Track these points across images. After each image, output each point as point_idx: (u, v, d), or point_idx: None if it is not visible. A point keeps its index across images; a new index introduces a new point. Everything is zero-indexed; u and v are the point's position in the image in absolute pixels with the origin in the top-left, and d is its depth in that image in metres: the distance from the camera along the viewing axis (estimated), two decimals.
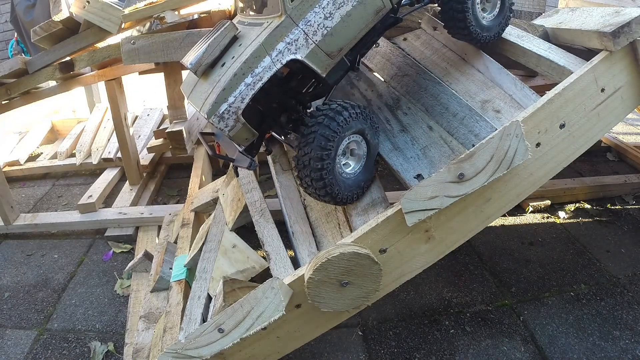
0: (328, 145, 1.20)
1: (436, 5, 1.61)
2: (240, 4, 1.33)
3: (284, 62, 1.14)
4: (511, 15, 1.55)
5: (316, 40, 1.17)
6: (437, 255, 1.28)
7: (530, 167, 1.26)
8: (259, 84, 1.13)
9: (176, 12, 2.04)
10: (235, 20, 1.33)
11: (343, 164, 1.32)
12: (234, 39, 1.21)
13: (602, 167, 3.03)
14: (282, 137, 1.46)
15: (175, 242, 2.04)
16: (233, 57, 1.16)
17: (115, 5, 1.88)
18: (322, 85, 1.33)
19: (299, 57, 1.16)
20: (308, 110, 1.33)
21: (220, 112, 1.12)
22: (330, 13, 1.17)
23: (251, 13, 1.27)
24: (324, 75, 1.24)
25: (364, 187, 1.39)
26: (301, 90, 1.35)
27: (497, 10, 1.51)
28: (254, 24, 1.22)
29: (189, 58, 1.21)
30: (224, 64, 1.17)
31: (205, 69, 1.19)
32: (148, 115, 3.77)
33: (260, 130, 1.27)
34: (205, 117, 1.14)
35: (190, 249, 1.86)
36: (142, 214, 2.53)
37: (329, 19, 1.17)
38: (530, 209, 2.51)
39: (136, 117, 3.76)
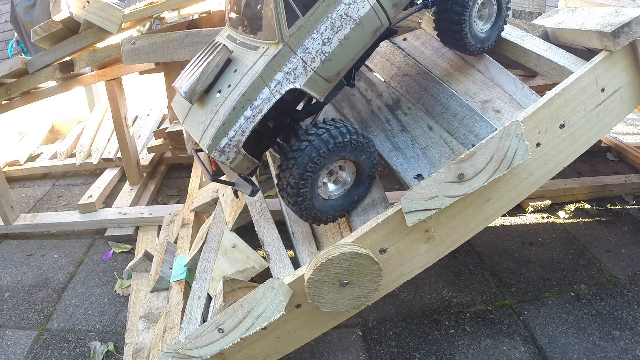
0: (306, 175, 1.16)
1: (431, 13, 1.60)
2: (231, 18, 1.28)
3: (282, 92, 1.11)
4: (504, 27, 1.54)
5: (314, 67, 1.13)
6: (437, 255, 1.28)
7: (530, 167, 1.26)
8: (259, 116, 1.10)
9: (176, 12, 2.04)
10: (225, 34, 1.30)
11: (329, 188, 1.29)
12: (228, 61, 1.17)
13: (602, 167, 3.03)
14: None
15: (175, 242, 2.04)
16: (229, 85, 1.12)
17: (115, 5, 1.88)
18: (316, 101, 1.29)
19: (297, 86, 1.12)
20: (300, 125, 1.30)
21: (221, 147, 1.09)
22: (329, 38, 1.13)
23: (244, 32, 1.22)
24: (322, 100, 1.21)
25: (347, 209, 1.35)
26: (295, 107, 1.33)
27: (492, 20, 1.49)
28: (248, 45, 1.18)
29: (182, 84, 1.17)
30: (220, 91, 1.13)
31: (200, 96, 1.16)
32: (148, 115, 3.77)
33: (258, 152, 1.24)
34: (206, 152, 1.11)
35: (190, 249, 1.86)
36: (142, 214, 2.53)
37: (327, 44, 1.13)
38: (530, 209, 2.51)
39: (136, 117, 3.76)
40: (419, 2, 1.37)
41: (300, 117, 1.30)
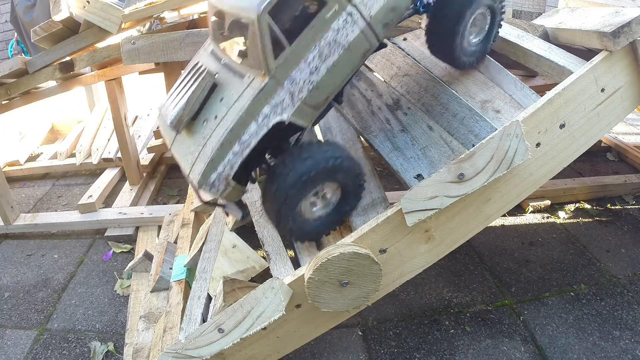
0: (285, 202, 1.14)
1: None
2: (215, 35, 1.21)
3: (270, 125, 1.07)
4: (494, 42, 1.50)
5: (302, 98, 1.09)
6: (437, 255, 1.28)
7: (530, 167, 1.26)
8: (247, 150, 1.07)
9: (176, 12, 2.04)
10: (208, 48, 1.25)
11: (313, 209, 1.26)
12: (214, 86, 1.13)
13: (602, 167, 3.03)
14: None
15: (175, 242, 2.04)
16: (216, 116, 1.08)
17: (115, 5, 1.88)
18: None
19: (284, 118, 1.09)
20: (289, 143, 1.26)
21: (211, 182, 1.08)
22: (317, 67, 1.08)
23: (228, 53, 1.17)
24: (310, 126, 1.18)
25: (327, 230, 1.33)
26: (284, 132, 1.27)
27: (484, 34, 1.45)
28: (233, 70, 1.13)
29: (168, 112, 1.13)
30: (206, 120, 1.10)
31: (187, 124, 1.13)
32: (148, 115, 3.77)
33: (246, 173, 1.21)
34: (196, 186, 1.09)
35: (190, 249, 1.86)
36: (142, 214, 2.53)
37: (314, 73, 1.09)
38: (530, 209, 2.51)
39: (136, 117, 3.76)
40: (409, 10, 1.32)
41: (286, 136, 1.25)
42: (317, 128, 1.98)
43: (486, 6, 1.37)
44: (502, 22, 1.46)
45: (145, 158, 3.15)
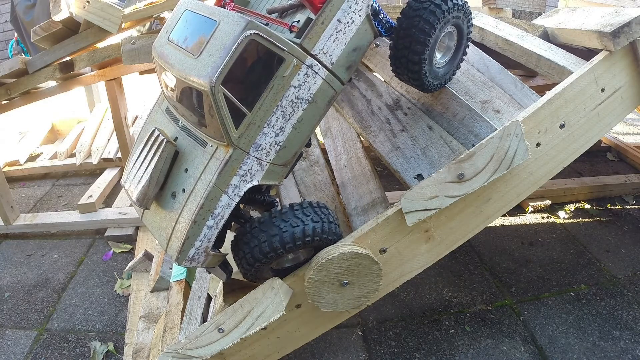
0: (256, 266, 1.11)
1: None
2: (168, 93, 1.10)
3: (242, 194, 1.04)
4: (460, 66, 1.41)
5: (270, 160, 1.05)
6: (437, 255, 1.28)
7: (531, 167, 1.26)
8: (222, 222, 1.04)
9: None
10: (163, 105, 1.18)
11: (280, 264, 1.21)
12: (176, 154, 1.07)
13: (602, 167, 3.03)
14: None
15: None
16: (183, 189, 1.04)
17: (115, 5, 1.88)
18: None
19: (255, 183, 1.05)
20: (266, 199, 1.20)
21: (190, 257, 1.05)
22: (281, 128, 1.03)
23: (186, 118, 1.09)
24: (281, 183, 1.14)
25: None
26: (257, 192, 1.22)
27: (451, 53, 1.33)
28: (194, 136, 1.06)
29: (131, 188, 1.08)
30: (174, 194, 1.06)
31: (154, 199, 1.09)
32: None
33: (223, 235, 1.16)
34: (175, 263, 1.07)
35: None
36: None
37: (280, 134, 1.04)
38: (530, 209, 2.51)
39: (136, 117, 3.76)
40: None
41: (262, 189, 1.18)
42: (317, 128, 1.98)
43: (453, 25, 1.26)
44: (469, 42, 1.35)
45: None
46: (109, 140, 3.36)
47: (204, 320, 1.38)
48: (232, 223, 1.18)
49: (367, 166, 1.60)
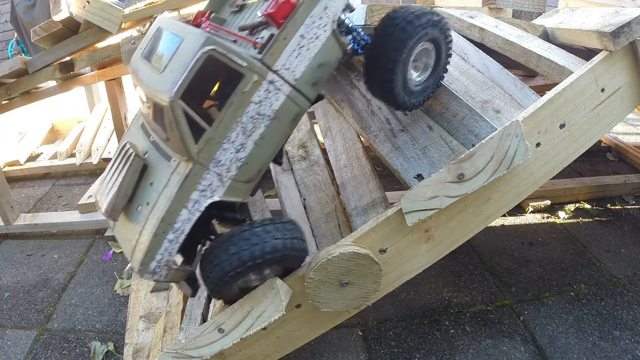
0: (219, 285, 1.10)
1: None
2: (144, 107, 1.12)
3: (202, 209, 1.03)
4: (444, 75, 1.36)
5: (231, 176, 1.04)
6: (437, 255, 1.28)
7: (531, 167, 1.26)
8: (182, 236, 1.04)
9: (176, 12, 2.04)
10: (139, 120, 1.20)
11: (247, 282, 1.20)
12: (144, 167, 1.08)
13: (602, 167, 3.03)
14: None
15: None
16: (147, 202, 1.04)
17: (115, 5, 1.88)
18: None
19: (216, 199, 1.04)
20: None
21: (151, 270, 1.05)
22: (242, 144, 1.02)
23: (156, 132, 1.10)
24: (246, 200, 1.13)
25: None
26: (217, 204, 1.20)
27: (429, 71, 1.29)
28: (161, 151, 1.07)
29: (101, 200, 1.09)
30: (140, 207, 1.06)
31: (122, 211, 1.09)
32: None
33: (193, 250, 1.16)
34: (138, 275, 1.07)
35: None
36: None
37: (241, 151, 1.03)
38: (530, 209, 2.51)
39: None
40: (344, 57, 1.14)
41: (230, 205, 1.16)
42: (317, 128, 1.98)
43: (430, 40, 1.21)
44: (449, 57, 1.30)
45: None
46: (109, 140, 3.36)
47: (204, 320, 1.38)
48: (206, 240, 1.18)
49: (367, 166, 1.60)
